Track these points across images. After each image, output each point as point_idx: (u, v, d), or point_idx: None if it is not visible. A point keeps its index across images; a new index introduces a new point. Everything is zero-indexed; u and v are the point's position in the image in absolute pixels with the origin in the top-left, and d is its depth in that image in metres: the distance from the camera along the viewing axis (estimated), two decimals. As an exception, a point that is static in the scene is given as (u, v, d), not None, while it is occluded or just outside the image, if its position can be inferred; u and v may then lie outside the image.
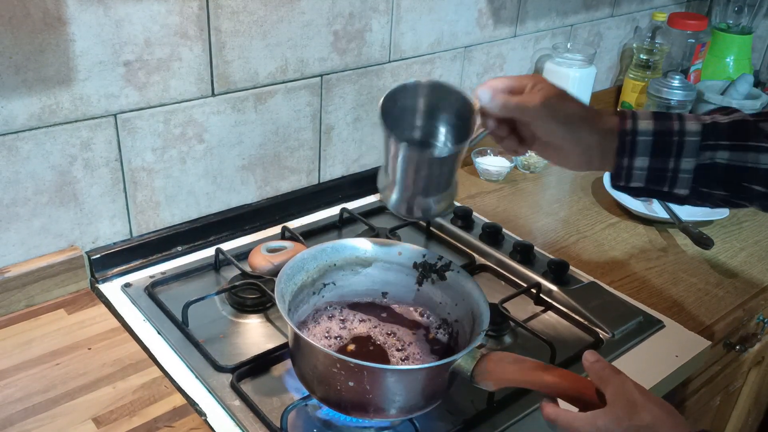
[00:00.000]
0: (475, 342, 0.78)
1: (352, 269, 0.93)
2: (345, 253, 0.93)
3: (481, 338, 0.79)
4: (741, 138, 0.76)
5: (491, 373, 0.75)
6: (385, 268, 0.94)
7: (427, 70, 1.39)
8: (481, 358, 0.76)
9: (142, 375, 0.90)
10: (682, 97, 1.68)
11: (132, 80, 1.01)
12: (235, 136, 1.17)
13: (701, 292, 1.17)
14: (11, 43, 0.89)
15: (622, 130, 0.77)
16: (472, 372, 0.76)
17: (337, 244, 0.92)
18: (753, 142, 0.75)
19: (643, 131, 0.76)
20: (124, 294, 1.05)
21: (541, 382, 0.73)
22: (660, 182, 0.78)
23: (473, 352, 0.77)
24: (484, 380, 0.76)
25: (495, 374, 0.75)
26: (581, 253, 1.25)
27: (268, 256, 0.93)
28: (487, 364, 0.76)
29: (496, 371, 0.75)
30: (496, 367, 0.75)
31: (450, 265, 0.90)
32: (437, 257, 0.92)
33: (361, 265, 0.94)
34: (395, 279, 0.94)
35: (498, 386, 0.76)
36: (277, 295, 0.81)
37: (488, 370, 0.75)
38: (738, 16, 1.90)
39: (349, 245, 0.93)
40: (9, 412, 0.83)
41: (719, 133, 0.76)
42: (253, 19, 1.10)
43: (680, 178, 0.77)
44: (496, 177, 1.49)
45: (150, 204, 1.12)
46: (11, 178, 0.96)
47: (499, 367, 0.75)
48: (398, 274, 0.94)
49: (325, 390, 0.79)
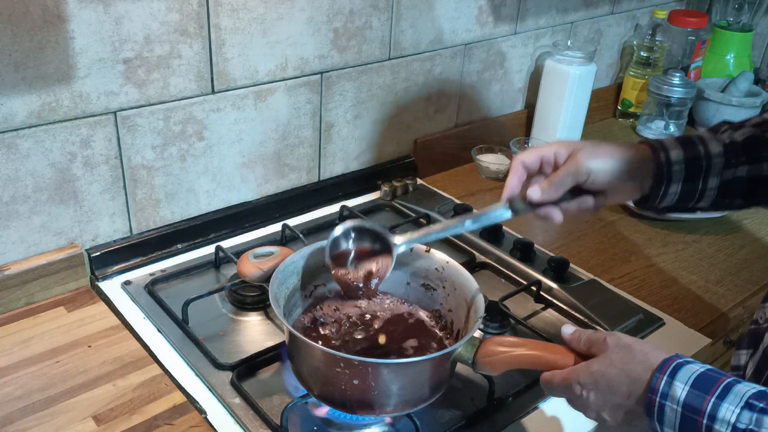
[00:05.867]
0: (474, 329, 0.78)
1: None
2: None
3: (479, 325, 0.79)
4: (755, 151, 0.82)
5: (492, 357, 0.76)
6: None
7: (427, 67, 1.39)
8: (481, 344, 0.77)
9: (142, 373, 0.90)
10: (682, 94, 1.68)
11: (132, 78, 1.01)
12: (235, 134, 1.17)
13: (701, 290, 1.17)
14: (11, 41, 0.89)
15: (658, 162, 0.81)
16: (474, 358, 0.76)
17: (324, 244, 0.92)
18: (766, 153, 0.82)
19: (676, 161, 0.81)
20: (124, 292, 1.05)
21: (543, 361, 0.73)
22: (688, 200, 0.84)
23: (472, 339, 0.77)
24: (485, 365, 0.76)
25: (496, 358, 0.75)
26: (581, 251, 1.25)
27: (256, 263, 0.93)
28: (488, 349, 0.76)
29: (496, 355, 0.75)
30: (496, 350, 0.76)
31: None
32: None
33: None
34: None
35: (500, 370, 0.76)
36: (272, 299, 0.81)
37: (489, 355, 0.76)
38: (738, 13, 1.90)
39: None
40: (9, 410, 0.83)
41: (738, 151, 0.82)
42: (253, 16, 1.10)
43: (706, 195, 0.83)
44: (496, 174, 1.49)
45: (150, 201, 1.12)
46: (11, 175, 0.96)
47: (499, 350, 0.76)
48: None
49: (329, 391, 0.78)
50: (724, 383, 0.62)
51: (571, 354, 0.73)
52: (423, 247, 0.92)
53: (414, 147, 1.46)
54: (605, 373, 0.68)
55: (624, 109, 1.84)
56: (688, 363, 0.65)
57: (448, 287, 0.90)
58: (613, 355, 0.68)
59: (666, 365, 0.65)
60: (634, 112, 1.82)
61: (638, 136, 1.76)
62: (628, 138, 1.76)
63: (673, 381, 0.63)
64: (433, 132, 1.49)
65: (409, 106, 1.41)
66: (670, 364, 0.65)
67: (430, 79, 1.42)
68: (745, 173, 0.82)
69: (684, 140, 0.83)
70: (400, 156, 1.45)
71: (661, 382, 0.64)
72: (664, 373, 0.64)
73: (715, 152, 0.82)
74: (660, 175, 0.81)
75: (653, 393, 0.64)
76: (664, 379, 0.64)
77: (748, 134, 0.83)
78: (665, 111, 1.72)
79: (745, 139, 0.82)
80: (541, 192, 0.80)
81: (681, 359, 0.65)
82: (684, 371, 0.64)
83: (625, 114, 1.84)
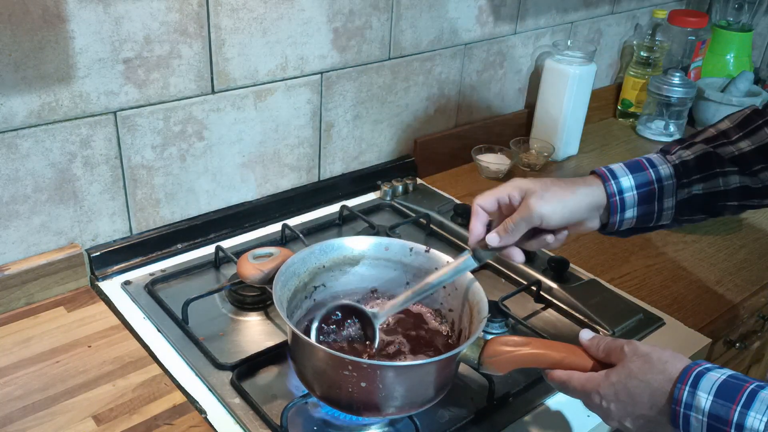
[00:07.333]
0: (479, 329, 0.78)
1: (340, 269, 0.93)
2: (333, 254, 0.92)
3: (483, 325, 0.79)
4: (708, 168, 0.84)
5: (498, 357, 0.76)
6: (373, 264, 0.94)
7: (427, 67, 1.39)
8: (485, 344, 0.77)
9: (142, 373, 0.90)
10: (682, 94, 1.68)
11: (132, 77, 1.01)
12: (235, 134, 1.17)
13: (701, 290, 1.17)
14: (10, 41, 0.89)
15: (608, 192, 0.83)
16: (479, 359, 0.76)
17: (324, 245, 0.92)
18: (718, 169, 0.84)
19: (627, 188, 0.83)
20: (124, 291, 1.05)
21: (549, 360, 0.74)
22: (646, 222, 0.86)
23: (476, 340, 0.77)
24: (491, 365, 0.76)
25: (502, 358, 0.75)
26: (581, 251, 1.25)
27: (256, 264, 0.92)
28: (493, 349, 0.76)
29: (502, 355, 0.75)
30: (501, 350, 0.76)
31: None
32: None
33: (349, 264, 0.93)
34: (384, 275, 0.94)
35: (505, 370, 0.76)
36: (276, 301, 0.81)
37: (494, 355, 0.76)
38: (738, 13, 1.90)
39: (336, 245, 0.93)
40: (8, 410, 0.83)
41: (690, 170, 0.84)
42: (253, 16, 1.10)
43: (664, 215, 0.85)
44: (496, 174, 1.49)
45: (150, 201, 1.12)
46: (11, 175, 0.96)
47: (504, 350, 0.76)
48: (386, 270, 0.94)
49: (335, 393, 0.78)
50: (748, 390, 0.62)
51: (578, 351, 0.73)
52: (423, 247, 0.92)
53: (414, 147, 1.46)
54: (626, 384, 0.68)
55: (624, 109, 1.84)
56: (709, 371, 0.65)
57: (448, 287, 0.90)
58: (632, 364, 0.68)
59: (687, 375, 0.65)
60: (634, 112, 1.82)
61: (638, 136, 1.76)
62: (627, 137, 1.76)
63: (696, 391, 0.63)
64: (433, 132, 1.49)
65: (409, 106, 1.41)
66: (691, 373, 0.65)
67: (430, 79, 1.42)
68: (701, 190, 0.84)
69: (632, 165, 0.84)
70: (400, 156, 1.45)
71: (684, 392, 0.64)
72: (686, 383, 0.64)
73: (665, 175, 0.83)
74: (612, 204, 0.83)
75: (677, 404, 0.64)
76: (686, 389, 0.64)
77: (699, 152, 0.85)
78: (665, 111, 1.72)
79: (697, 157, 0.84)
80: (499, 239, 0.81)
81: (701, 367, 0.65)
82: (706, 380, 0.64)
83: (625, 114, 1.84)
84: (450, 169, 1.52)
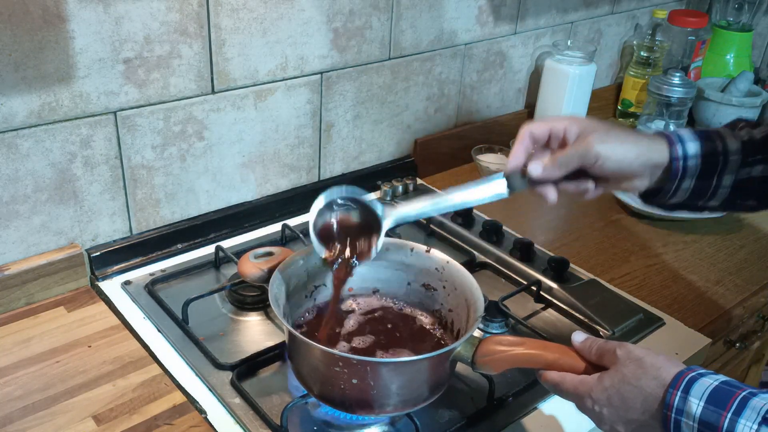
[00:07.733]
0: (473, 328, 0.78)
1: None
2: None
3: (478, 324, 0.79)
4: None
5: (491, 356, 0.75)
6: (373, 265, 0.93)
7: (427, 67, 1.39)
8: (480, 343, 0.77)
9: (142, 373, 0.90)
10: (682, 94, 1.68)
11: (132, 77, 1.01)
12: (235, 134, 1.17)
13: (701, 290, 1.17)
14: (10, 41, 0.89)
15: (673, 156, 0.78)
16: (473, 358, 0.76)
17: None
18: None
19: (693, 155, 0.78)
20: (124, 291, 1.05)
21: (542, 361, 0.73)
22: (699, 198, 0.81)
23: (471, 339, 0.77)
24: (485, 364, 0.76)
25: (495, 357, 0.75)
26: (581, 251, 1.25)
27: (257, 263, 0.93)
28: (487, 348, 0.76)
29: (496, 354, 0.75)
30: (495, 349, 0.76)
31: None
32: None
33: None
34: (385, 275, 0.94)
35: (499, 369, 0.76)
36: (271, 299, 0.81)
37: (488, 354, 0.76)
38: (738, 13, 1.90)
39: None
40: (8, 410, 0.83)
41: (757, 148, 0.79)
42: (253, 16, 1.10)
43: (719, 194, 0.80)
44: (496, 174, 1.48)
45: (150, 201, 1.12)
46: (11, 175, 0.96)
47: (498, 349, 0.75)
48: (387, 270, 0.94)
49: (328, 390, 0.78)
50: (739, 397, 0.61)
51: (571, 353, 0.73)
52: (423, 248, 0.92)
53: (414, 147, 1.46)
54: (618, 389, 0.67)
55: (624, 109, 1.84)
56: (702, 376, 0.64)
57: (448, 287, 0.90)
58: (625, 369, 0.67)
59: (679, 380, 0.64)
60: (634, 112, 1.82)
61: (638, 136, 1.76)
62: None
63: (688, 396, 0.63)
64: (433, 132, 1.49)
65: (409, 106, 1.41)
66: (683, 378, 0.64)
67: (430, 79, 1.42)
68: (760, 173, 0.79)
69: (702, 134, 0.79)
70: (400, 156, 1.45)
71: (676, 397, 0.63)
72: (678, 388, 0.64)
73: (733, 149, 0.78)
74: (675, 168, 0.78)
75: (668, 409, 0.64)
76: (678, 394, 0.63)
77: (765, 132, 0.80)
78: (665, 111, 1.72)
79: (763, 137, 0.79)
80: (543, 170, 0.76)
81: (694, 372, 0.64)
82: (698, 386, 0.63)
83: (625, 114, 1.84)
84: (450, 169, 1.52)
